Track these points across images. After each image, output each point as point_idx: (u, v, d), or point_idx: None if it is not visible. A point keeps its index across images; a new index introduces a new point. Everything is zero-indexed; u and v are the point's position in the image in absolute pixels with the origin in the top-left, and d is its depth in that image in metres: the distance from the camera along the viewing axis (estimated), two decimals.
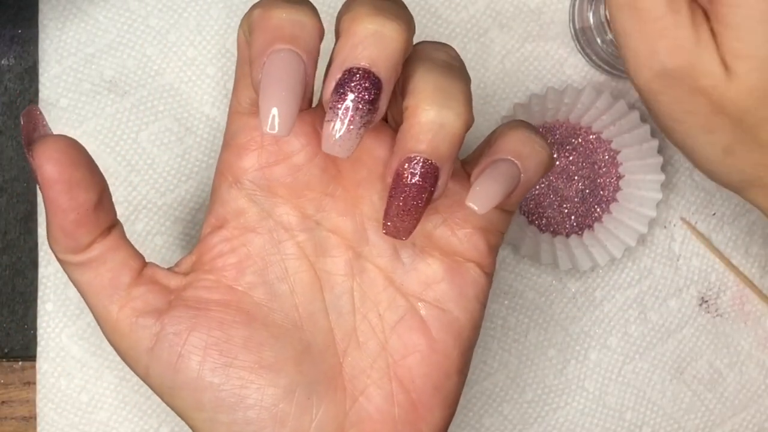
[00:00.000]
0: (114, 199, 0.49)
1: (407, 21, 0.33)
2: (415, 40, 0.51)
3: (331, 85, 0.32)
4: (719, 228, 0.52)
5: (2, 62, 0.49)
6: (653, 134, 0.50)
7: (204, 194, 0.50)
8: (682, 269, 0.52)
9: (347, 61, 0.32)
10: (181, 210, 0.50)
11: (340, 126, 0.32)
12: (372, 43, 0.32)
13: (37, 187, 0.34)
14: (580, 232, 0.51)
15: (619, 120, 0.50)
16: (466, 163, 0.38)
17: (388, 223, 0.34)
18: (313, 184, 0.37)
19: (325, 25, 0.34)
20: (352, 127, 0.32)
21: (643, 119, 0.51)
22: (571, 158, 0.51)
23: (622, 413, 0.52)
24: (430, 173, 0.33)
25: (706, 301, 0.52)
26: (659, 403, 0.52)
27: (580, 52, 0.51)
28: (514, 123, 0.37)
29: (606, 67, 0.50)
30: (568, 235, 0.51)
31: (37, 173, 0.33)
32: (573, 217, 0.51)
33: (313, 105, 0.37)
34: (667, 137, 0.40)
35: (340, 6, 0.50)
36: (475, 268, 0.37)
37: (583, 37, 0.50)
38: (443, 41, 0.51)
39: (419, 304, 0.37)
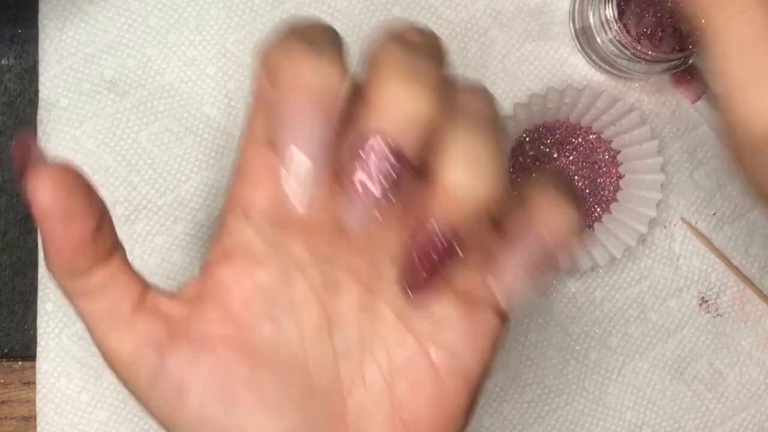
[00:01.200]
0: (114, 199, 0.49)
1: (442, 81, 0.30)
2: None
3: (351, 151, 0.30)
4: (719, 228, 0.52)
5: (2, 62, 0.49)
6: (653, 134, 0.50)
7: (204, 194, 0.50)
8: (682, 269, 0.52)
9: (371, 129, 0.30)
10: (181, 210, 0.50)
11: (356, 199, 0.30)
12: (400, 114, 0.29)
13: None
14: None
15: (619, 120, 0.50)
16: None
17: (407, 294, 0.33)
18: (325, 219, 0.35)
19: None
20: (369, 200, 0.30)
21: (643, 119, 0.50)
22: (571, 158, 0.51)
23: (622, 413, 0.52)
24: (453, 245, 0.31)
25: (706, 301, 0.52)
26: (659, 403, 0.52)
27: (580, 51, 0.51)
28: (555, 197, 0.33)
29: (606, 67, 0.50)
30: None
31: (31, 204, 0.32)
32: None
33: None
34: (755, 191, 0.36)
35: (340, 6, 0.50)
36: (492, 314, 0.35)
37: (583, 37, 0.50)
38: (443, 41, 0.51)
39: (430, 346, 0.35)
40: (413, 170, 0.30)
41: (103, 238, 0.34)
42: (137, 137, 0.50)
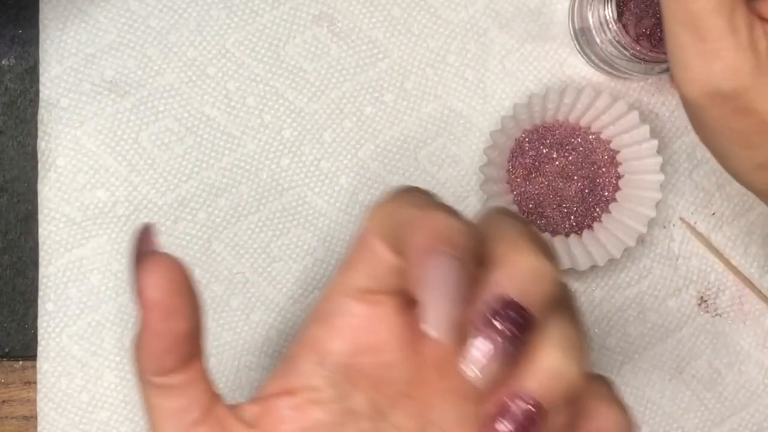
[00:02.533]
0: (114, 199, 0.50)
1: (559, 263, 0.33)
2: (415, 40, 0.52)
3: (484, 308, 0.32)
4: (718, 228, 0.52)
5: (3, 62, 0.49)
6: (652, 134, 0.50)
7: (204, 194, 0.50)
8: (682, 269, 0.52)
9: (506, 291, 0.31)
10: (181, 210, 0.50)
11: (484, 354, 0.31)
12: (534, 281, 0.32)
13: (137, 298, 0.33)
14: (579, 232, 0.51)
15: (618, 120, 0.50)
16: None
17: None
18: (395, 382, 0.37)
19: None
20: (495, 358, 0.31)
21: (643, 119, 0.51)
22: (570, 158, 0.51)
23: None
24: (536, 417, 0.32)
25: (705, 301, 0.52)
26: (658, 402, 0.52)
27: (579, 52, 0.51)
28: (608, 398, 0.35)
29: (606, 67, 0.50)
30: (567, 235, 0.51)
31: (139, 294, 0.33)
32: (572, 217, 0.51)
33: None
34: (701, 141, 0.41)
35: (340, 6, 0.50)
36: None
37: (582, 37, 0.50)
38: (443, 41, 0.51)
39: None
40: (533, 328, 0.32)
41: (194, 341, 0.34)
42: (137, 137, 0.50)
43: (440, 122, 0.51)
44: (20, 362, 0.50)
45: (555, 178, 0.51)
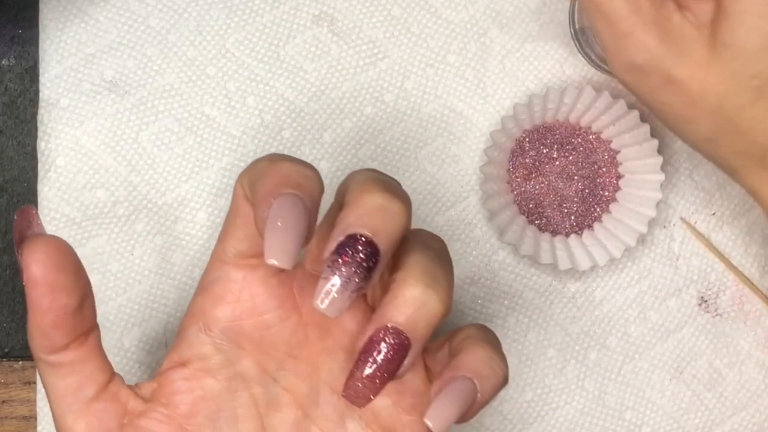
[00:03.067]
0: (114, 200, 0.50)
1: (409, 204, 0.35)
2: (415, 40, 0.52)
3: (333, 245, 0.33)
4: (719, 228, 0.52)
5: (3, 62, 0.49)
6: (653, 134, 0.50)
7: (204, 194, 0.50)
8: (682, 269, 0.52)
9: (352, 227, 0.33)
10: (181, 210, 0.50)
11: (334, 286, 0.33)
12: (378, 216, 0.33)
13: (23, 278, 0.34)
14: (579, 232, 0.51)
15: (618, 120, 0.50)
16: (426, 351, 0.38)
17: (349, 388, 0.34)
18: (279, 344, 0.38)
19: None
20: (345, 290, 0.33)
21: (643, 119, 0.51)
22: (570, 158, 0.51)
23: (622, 413, 0.52)
24: (402, 347, 0.34)
25: (706, 301, 0.52)
26: (659, 402, 0.52)
27: (579, 52, 0.51)
28: (477, 338, 0.37)
29: (606, 67, 0.50)
30: (567, 235, 0.51)
31: (23, 272, 0.34)
32: (573, 217, 0.51)
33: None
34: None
35: (340, 6, 0.50)
36: None
37: (582, 37, 0.50)
38: (443, 41, 0.51)
39: None
40: (382, 269, 0.34)
41: (83, 317, 0.35)
42: (137, 137, 0.50)
43: (440, 122, 0.51)
44: (20, 362, 0.50)
45: (555, 178, 0.51)
